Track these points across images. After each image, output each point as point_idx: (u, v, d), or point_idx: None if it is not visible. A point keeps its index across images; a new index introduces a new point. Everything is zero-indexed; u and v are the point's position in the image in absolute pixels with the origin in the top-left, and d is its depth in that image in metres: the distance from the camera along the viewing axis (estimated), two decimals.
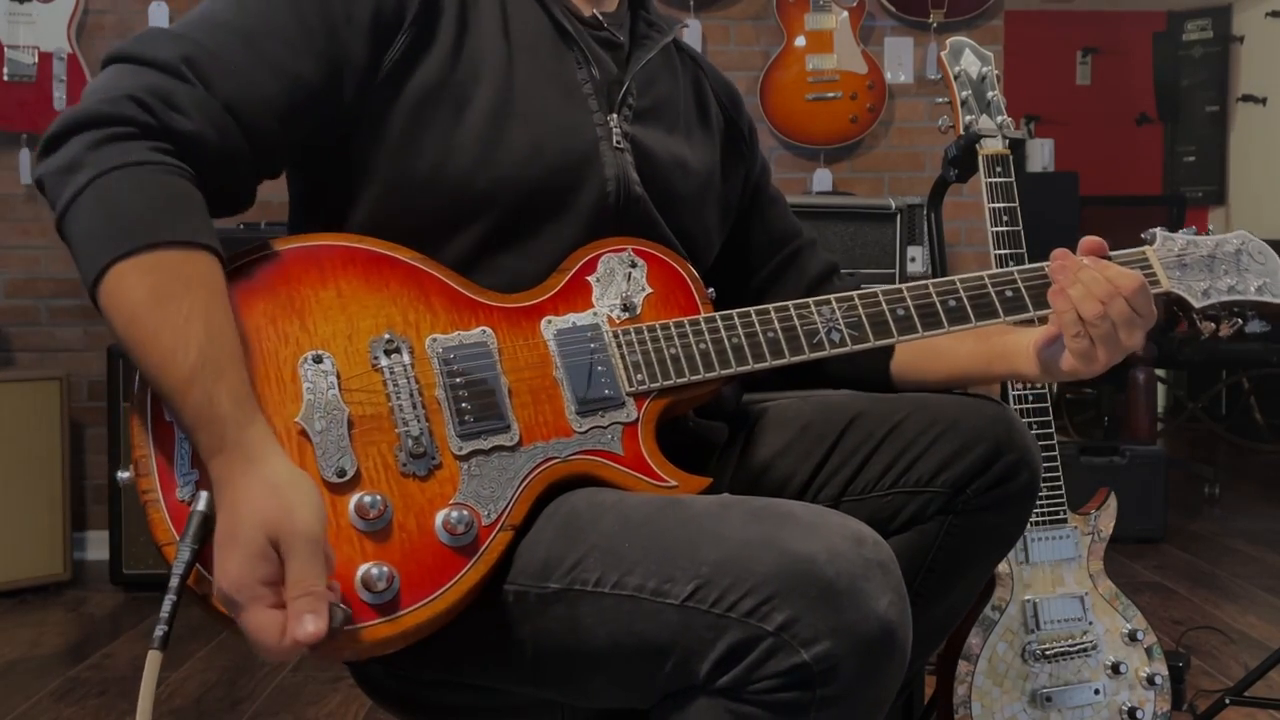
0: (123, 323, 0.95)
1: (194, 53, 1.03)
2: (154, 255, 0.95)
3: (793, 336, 1.16)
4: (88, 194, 0.96)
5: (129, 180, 0.97)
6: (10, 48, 3.38)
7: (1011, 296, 1.20)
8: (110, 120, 0.98)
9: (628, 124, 1.23)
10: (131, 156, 0.97)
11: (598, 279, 1.15)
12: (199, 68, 1.02)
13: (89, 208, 0.96)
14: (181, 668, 2.52)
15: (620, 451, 1.08)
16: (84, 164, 0.97)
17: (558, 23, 1.21)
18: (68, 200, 0.97)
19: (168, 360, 0.93)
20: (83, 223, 0.97)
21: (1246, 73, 6.27)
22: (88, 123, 0.98)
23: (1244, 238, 1.28)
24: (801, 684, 0.90)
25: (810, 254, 1.45)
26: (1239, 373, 5.40)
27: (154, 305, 0.94)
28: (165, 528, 0.95)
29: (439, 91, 1.12)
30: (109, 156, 0.97)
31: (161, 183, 0.98)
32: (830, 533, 0.93)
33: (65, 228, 0.98)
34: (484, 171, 1.12)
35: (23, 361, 3.52)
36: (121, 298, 0.94)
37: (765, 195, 1.45)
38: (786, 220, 1.47)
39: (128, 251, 0.94)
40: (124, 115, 0.98)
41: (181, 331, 0.94)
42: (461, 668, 1.08)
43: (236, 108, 1.04)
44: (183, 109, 1.01)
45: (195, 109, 1.01)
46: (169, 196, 0.99)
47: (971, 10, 3.73)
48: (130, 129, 0.98)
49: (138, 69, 1.02)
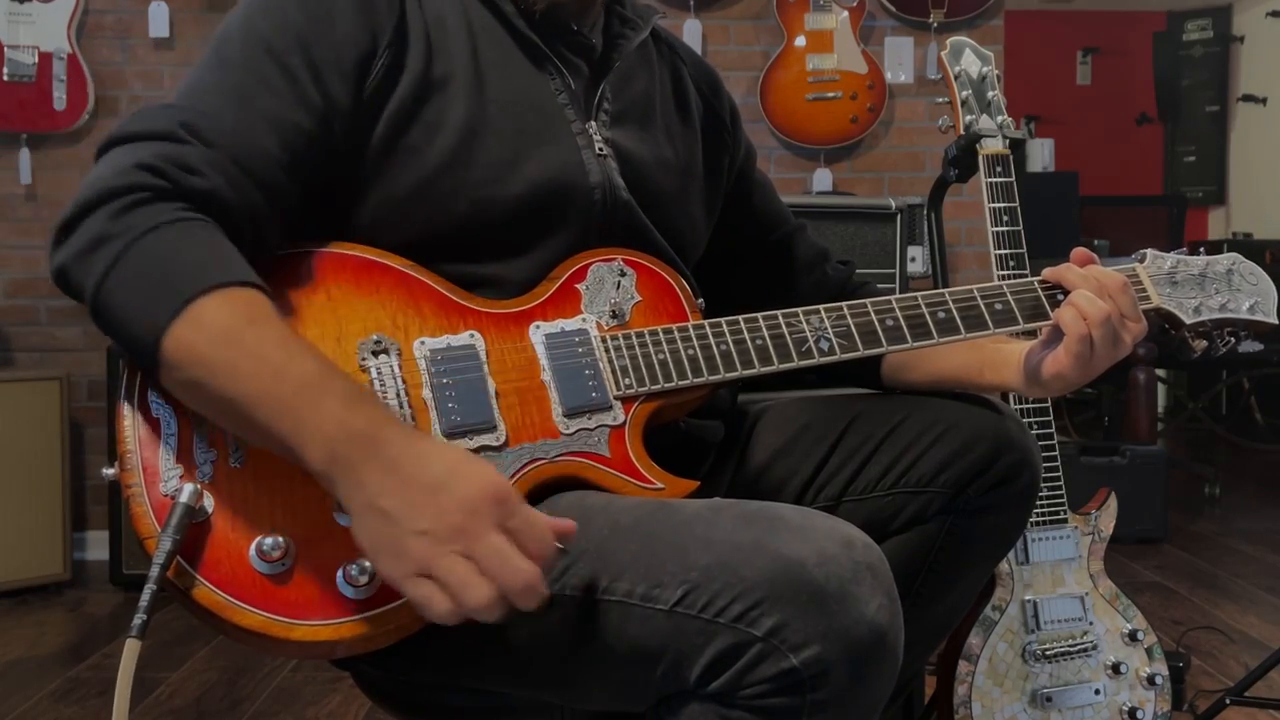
0: (215, 351, 0.91)
1: (189, 118, 1.03)
2: (227, 291, 0.94)
3: (781, 344, 1.16)
4: (128, 261, 0.94)
5: (168, 237, 0.95)
6: (10, 48, 3.38)
7: (1001, 309, 1.20)
8: (126, 190, 0.96)
9: (607, 129, 1.23)
10: (163, 217, 0.96)
11: (587, 287, 1.16)
12: (198, 130, 1.02)
13: (135, 270, 0.94)
14: (181, 668, 2.52)
15: (607, 454, 1.08)
16: (112, 235, 0.95)
17: (525, 37, 1.20)
18: (103, 272, 0.94)
19: (283, 369, 0.91)
20: (130, 286, 0.94)
21: (1246, 73, 6.27)
22: (102, 199, 0.96)
23: (1235, 259, 1.30)
24: (792, 689, 0.90)
25: (801, 239, 1.45)
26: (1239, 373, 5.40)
27: (249, 325, 0.92)
28: (148, 521, 0.95)
29: (412, 116, 1.12)
30: (138, 222, 0.95)
31: (201, 233, 0.97)
32: (820, 536, 0.93)
33: (104, 299, 0.94)
34: (464, 191, 1.12)
35: (23, 361, 3.52)
36: (210, 328, 0.92)
37: (751, 180, 1.44)
38: (774, 204, 1.46)
39: (201, 291, 0.92)
40: (139, 184, 0.97)
41: (286, 345, 0.93)
42: (457, 671, 1.08)
43: (243, 162, 1.03)
44: (195, 169, 1.00)
45: (207, 167, 1.00)
46: (215, 245, 0.97)
47: (971, 10, 3.73)
48: (148, 194, 0.97)
49: (137, 145, 1.01)
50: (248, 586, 0.94)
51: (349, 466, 0.89)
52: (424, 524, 0.87)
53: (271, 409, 0.91)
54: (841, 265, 1.46)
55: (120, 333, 0.95)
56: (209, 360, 0.92)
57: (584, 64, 1.25)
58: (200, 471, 0.97)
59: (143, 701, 2.32)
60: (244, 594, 0.94)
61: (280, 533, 0.96)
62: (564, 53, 1.23)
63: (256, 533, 0.95)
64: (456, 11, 1.18)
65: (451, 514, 0.87)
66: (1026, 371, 1.23)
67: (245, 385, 0.91)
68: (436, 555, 0.87)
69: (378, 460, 0.89)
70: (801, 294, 1.35)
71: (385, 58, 1.12)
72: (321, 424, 0.90)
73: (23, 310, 3.51)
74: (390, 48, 1.12)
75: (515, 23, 1.20)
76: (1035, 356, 1.21)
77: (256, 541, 0.95)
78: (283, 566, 0.95)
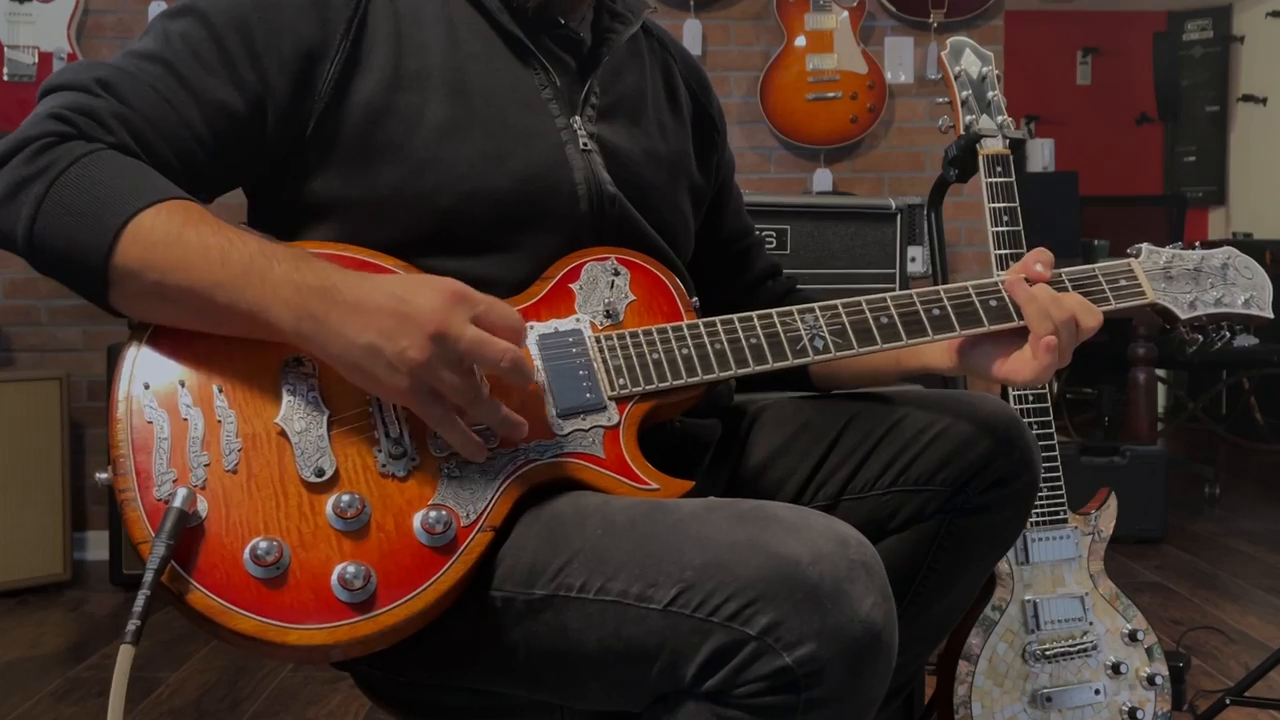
0: (163, 253, 0.97)
1: (109, 75, 1.06)
2: (160, 205, 0.99)
3: (775, 343, 1.15)
4: (56, 193, 0.98)
5: (92, 166, 0.99)
6: (10, 48, 3.38)
7: (995, 306, 1.20)
8: (36, 138, 1.00)
9: (592, 124, 1.23)
10: (78, 151, 1.00)
11: (581, 286, 1.16)
12: (113, 88, 1.05)
13: (68, 200, 0.98)
14: (181, 668, 2.52)
15: (601, 454, 1.08)
16: (33, 175, 0.99)
17: (508, 32, 1.20)
18: (31, 213, 0.98)
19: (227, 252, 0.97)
20: (66, 216, 0.97)
21: (1246, 73, 6.27)
22: (15, 148, 1.00)
23: (1230, 253, 1.30)
24: (787, 687, 0.90)
25: (759, 252, 1.48)
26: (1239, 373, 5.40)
27: (188, 225, 0.98)
28: (142, 526, 0.95)
29: (385, 112, 1.12)
30: (58, 159, 0.99)
31: (124, 160, 1.01)
32: (814, 535, 0.93)
33: (40, 238, 0.98)
34: (446, 187, 1.12)
35: (23, 361, 3.52)
36: (153, 235, 0.97)
37: (729, 189, 1.46)
38: (743, 216, 1.49)
39: (138, 207, 0.97)
40: (48, 130, 1.01)
41: (225, 234, 0.99)
42: (456, 672, 1.08)
43: (156, 125, 1.05)
44: (103, 122, 1.03)
45: (115, 121, 1.03)
46: (139, 168, 1.02)
47: (971, 10, 3.73)
48: (55, 139, 1.00)
49: (55, 95, 1.04)
50: (242, 591, 0.94)
51: (317, 320, 0.96)
52: (404, 341, 0.95)
53: (229, 290, 0.97)
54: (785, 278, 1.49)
55: (64, 265, 0.99)
56: (159, 263, 0.97)
57: (571, 58, 1.25)
58: (194, 475, 0.97)
59: (142, 701, 2.32)
60: (239, 598, 0.94)
61: (274, 536, 0.95)
62: (549, 47, 1.23)
63: (251, 537, 0.95)
64: (435, 6, 1.18)
65: (425, 324, 0.95)
66: (964, 355, 1.24)
67: (199, 276, 0.97)
68: (428, 366, 0.95)
69: (339, 306, 0.96)
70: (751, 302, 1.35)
71: (341, 52, 1.12)
72: (277, 290, 0.97)
73: (23, 310, 3.51)
74: (344, 41, 1.12)
75: (499, 18, 1.20)
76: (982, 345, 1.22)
77: (251, 545, 0.95)
78: (277, 570, 0.95)
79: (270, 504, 0.97)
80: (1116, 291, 1.24)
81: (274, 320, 0.97)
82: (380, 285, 0.98)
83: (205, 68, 1.08)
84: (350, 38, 1.12)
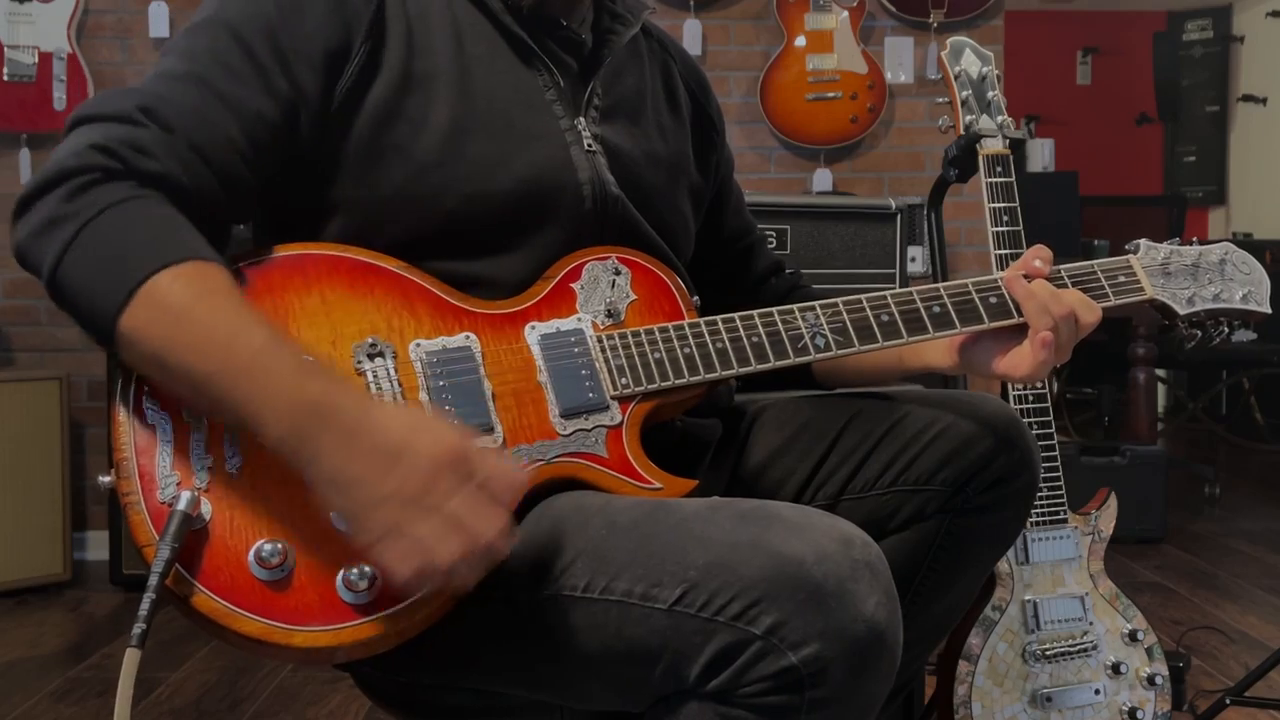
0: (169, 326, 0.93)
1: (149, 102, 1.03)
2: (181, 267, 0.95)
3: (777, 341, 1.15)
4: (81, 240, 0.95)
5: (121, 216, 0.96)
6: (10, 48, 3.38)
7: (996, 303, 1.20)
8: (79, 172, 0.97)
9: (596, 125, 1.23)
10: (116, 196, 0.97)
11: (582, 286, 1.15)
12: (156, 114, 1.02)
13: (90, 251, 0.95)
14: (181, 668, 2.52)
15: (604, 454, 1.08)
16: (66, 216, 0.96)
17: (511, 33, 1.20)
18: (58, 254, 0.95)
19: (233, 341, 0.92)
20: (85, 266, 0.95)
21: (1246, 73, 6.27)
22: (56, 180, 0.97)
23: (1228, 248, 1.30)
24: (791, 687, 0.90)
25: (761, 250, 1.47)
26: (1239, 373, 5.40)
27: (201, 300, 0.94)
28: (146, 529, 0.95)
29: (393, 114, 1.12)
30: (91, 202, 0.96)
31: (155, 211, 0.98)
32: (818, 534, 0.93)
33: (61, 280, 0.96)
34: (452, 189, 1.12)
35: (23, 361, 3.52)
36: (163, 303, 0.93)
37: (729, 188, 1.46)
38: (743, 214, 1.48)
39: (155, 269, 0.93)
40: (92, 165, 0.98)
41: (238, 317, 0.94)
42: (457, 672, 1.08)
43: (200, 148, 1.03)
44: (148, 152, 1.00)
45: (160, 150, 1.01)
46: (168, 222, 0.98)
47: (971, 10, 3.73)
48: (99, 175, 0.98)
49: (95, 126, 1.01)
50: (247, 593, 0.94)
51: (305, 438, 0.91)
52: (389, 489, 0.90)
53: (225, 383, 0.92)
54: (789, 274, 1.49)
55: (78, 312, 0.97)
56: (164, 337, 0.93)
57: (573, 60, 1.25)
58: (197, 478, 0.97)
59: (142, 701, 2.32)
60: (244, 601, 0.94)
61: (279, 539, 0.95)
62: (552, 48, 1.23)
63: (255, 539, 0.95)
64: (441, 8, 1.18)
65: (416, 477, 0.90)
66: (964, 354, 1.24)
67: (198, 361, 0.93)
68: (405, 519, 0.89)
69: (333, 431, 0.91)
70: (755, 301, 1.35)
71: (361, 53, 1.12)
72: (274, 397, 0.91)
73: (23, 310, 3.51)
74: (366, 43, 1.12)
75: (502, 19, 1.19)
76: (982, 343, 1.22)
77: (255, 548, 0.95)
78: (282, 573, 0.95)
79: (274, 506, 0.97)
80: (1115, 287, 1.24)
81: (262, 428, 0.92)
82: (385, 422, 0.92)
83: (239, 80, 1.07)
84: (370, 40, 1.12)
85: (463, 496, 0.90)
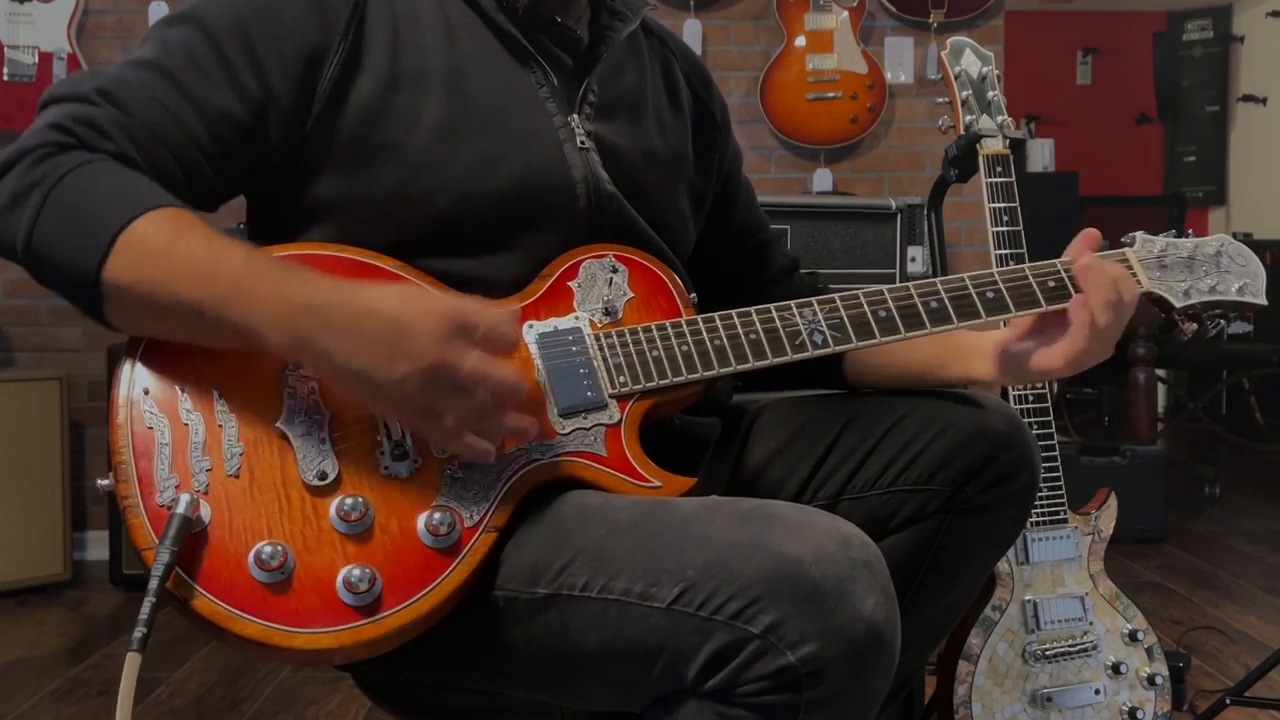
0: (152, 266, 0.96)
1: (110, 85, 1.05)
2: (155, 213, 0.98)
3: (775, 338, 1.15)
4: (50, 207, 0.97)
5: (86, 177, 0.99)
6: (10, 48, 3.38)
7: (993, 298, 1.19)
8: (37, 148, 1.00)
9: (590, 122, 1.22)
10: (74, 162, 0.99)
11: (579, 284, 1.15)
12: (113, 96, 1.04)
13: (62, 213, 0.97)
14: (181, 668, 2.52)
15: (603, 452, 1.08)
16: (30, 186, 0.98)
17: (504, 31, 1.19)
18: (29, 223, 0.97)
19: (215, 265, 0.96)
20: (60, 228, 0.97)
21: (1246, 73, 6.27)
22: (15, 158, 1.00)
23: (1223, 240, 1.29)
24: (789, 686, 0.90)
25: (776, 247, 1.46)
26: (1239, 373, 5.40)
27: (177, 237, 0.97)
28: (145, 533, 0.95)
29: (383, 113, 1.12)
30: (51, 170, 0.99)
31: (116, 169, 1.01)
32: (817, 534, 0.93)
33: (37, 247, 0.98)
34: (445, 188, 1.12)
35: (23, 361, 3.52)
36: (142, 247, 0.96)
37: (737, 183, 1.45)
38: (755, 211, 1.47)
39: (128, 219, 0.96)
40: (49, 140, 1.01)
41: (214, 245, 0.97)
42: (457, 672, 1.08)
43: (155, 132, 1.05)
44: (103, 130, 1.02)
45: (114, 130, 1.03)
46: (131, 177, 1.01)
47: (971, 10, 3.73)
48: (55, 148, 1.00)
49: (54, 107, 1.04)
50: (247, 596, 0.94)
51: (307, 342, 0.95)
52: (402, 370, 0.94)
53: (216, 308, 0.95)
54: (808, 275, 1.48)
55: (59, 277, 0.99)
56: (147, 277, 0.96)
57: (568, 57, 1.25)
58: (196, 481, 0.97)
59: (143, 701, 2.32)
60: (244, 603, 0.94)
61: (278, 540, 0.95)
62: (546, 45, 1.23)
63: (255, 541, 0.95)
64: (432, 7, 1.18)
65: (424, 354, 0.93)
66: (1004, 362, 1.23)
67: (186, 293, 0.96)
68: (431, 396, 0.94)
69: (331, 328, 0.94)
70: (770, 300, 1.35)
71: (339, 51, 1.12)
72: (264, 309, 0.95)
73: (23, 310, 3.51)
74: (344, 41, 1.12)
75: (495, 18, 1.19)
76: (1018, 347, 1.21)
77: (255, 550, 0.95)
78: (282, 575, 0.95)
79: (273, 508, 0.97)
80: None
81: (265, 339, 0.96)
82: (375, 305, 0.96)
83: (205, 75, 1.08)
84: (349, 39, 1.12)
85: (473, 361, 0.94)
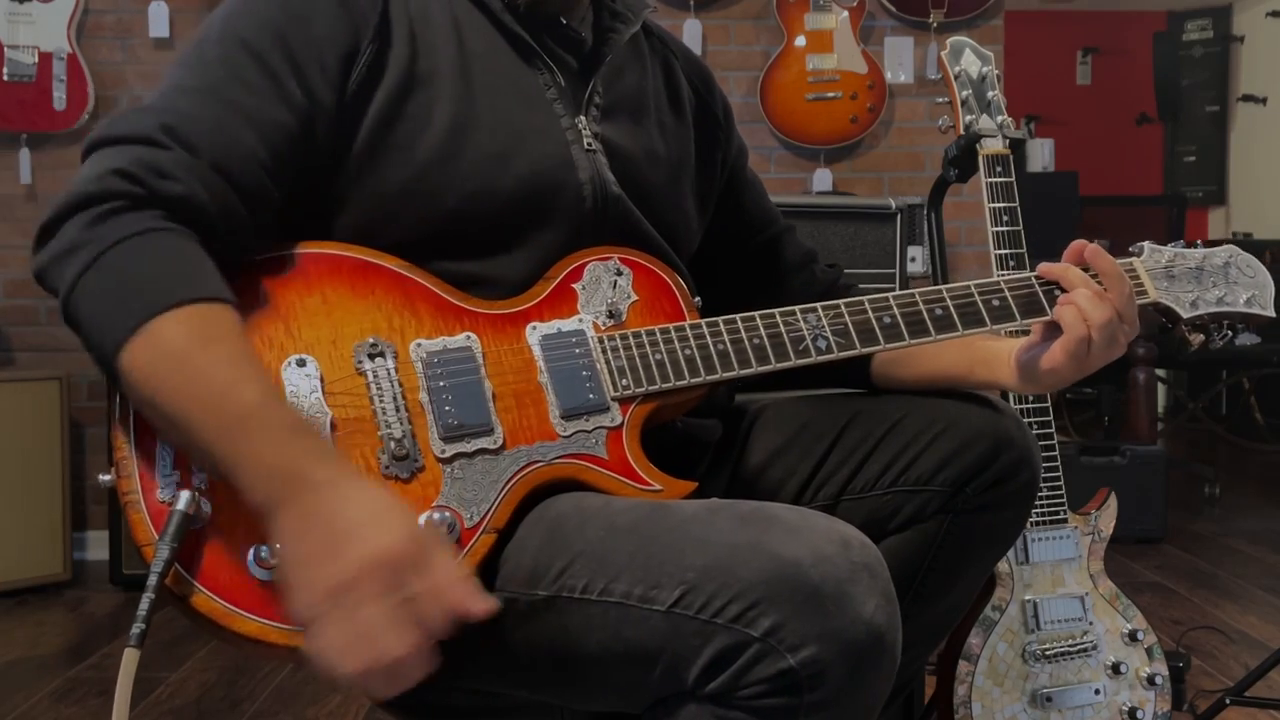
0: (166, 371, 0.92)
1: (169, 120, 1.03)
2: (187, 309, 0.94)
3: (778, 343, 1.15)
4: (95, 270, 0.95)
5: (136, 250, 0.96)
6: (10, 48, 3.37)
7: (998, 305, 1.20)
8: (100, 198, 0.97)
9: (596, 124, 1.23)
10: (133, 228, 0.97)
11: (583, 286, 1.15)
12: (177, 133, 1.02)
13: (101, 282, 0.95)
14: (181, 668, 2.52)
15: (604, 455, 1.08)
16: (84, 244, 0.96)
17: (511, 32, 1.20)
18: (73, 280, 0.96)
19: (226, 395, 0.92)
20: (95, 297, 0.95)
21: (1246, 73, 6.27)
22: (78, 205, 0.98)
23: (1232, 251, 1.29)
24: (789, 689, 0.90)
25: (789, 240, 1.44)
26: (1239, 373, 5.40)
27: (201, 348, 0.93)
28: (145, 528, 0.95)
29: (396, 114, 1.12)
30: (109, 232, 0.96)
31: (170, 246, 0.98)
32: (817, 537, 0.93)
33: (73, 306, 0.96)
34: (453, 188, 1.12)
35: (23, 361, 3.52)
36: (163, 347, 0.93)
37: (743, 179, 1.44)
38: (764, 205, 1.45)
39: (160, 309, 0.93)
40: (113, 190, 0.98)
41: (235, 369, 0.93)
42: (456, 673, 1.07)
43: (223, 165, 1.03)
44: (170, 174, 1.00)
45: (183, 172, 1.00)
46: (182, 258, 0.98)
47: (971, 10, 3.73)
48: (122, 203, 0.98)
49: (117, 149, 1.01)
50: (247, 593, 0.94)
51: (275, 505, 0.90)
52: (319, 576, 0.87)
53: (210, 437, 0.92)
54: (829, 267, 1.46)
55: (85, 340, 0.97)
56: (158, 380, 0.93)
57: (573, 58, 1.25)
58: (197, 478, 0.97)
59: (142, 701, 2.32)
60: (243, 601, 0.94)
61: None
62: (552, 47, 1.23)
63: (255, 539, 0.95)
64: (442, 7, 1.18)
65: (346, 573, 0.87)
66: (1020, 368, 1.23)
67: (190, 409, 0.92)
68: (323, 614, 0.87)
69: (296, 506, 0.90)
70: (788, 295, 1.34)
71: (368, 55, 1.12)
72: (254, 461, 0.91)
73: (23, 310, 3.51)
74: (373, 44, 1.12)
75: (502, 18, 1.19)
76: (1029, 353, 1.21)
77: (255, 548, 0.95)
78: None
79: None
80: None
81: (241, 486, 0.92)
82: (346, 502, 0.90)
83: (253, 90, 1.06)
84: (377, 41, 1.12)
85: (381, 607, 0.86)
